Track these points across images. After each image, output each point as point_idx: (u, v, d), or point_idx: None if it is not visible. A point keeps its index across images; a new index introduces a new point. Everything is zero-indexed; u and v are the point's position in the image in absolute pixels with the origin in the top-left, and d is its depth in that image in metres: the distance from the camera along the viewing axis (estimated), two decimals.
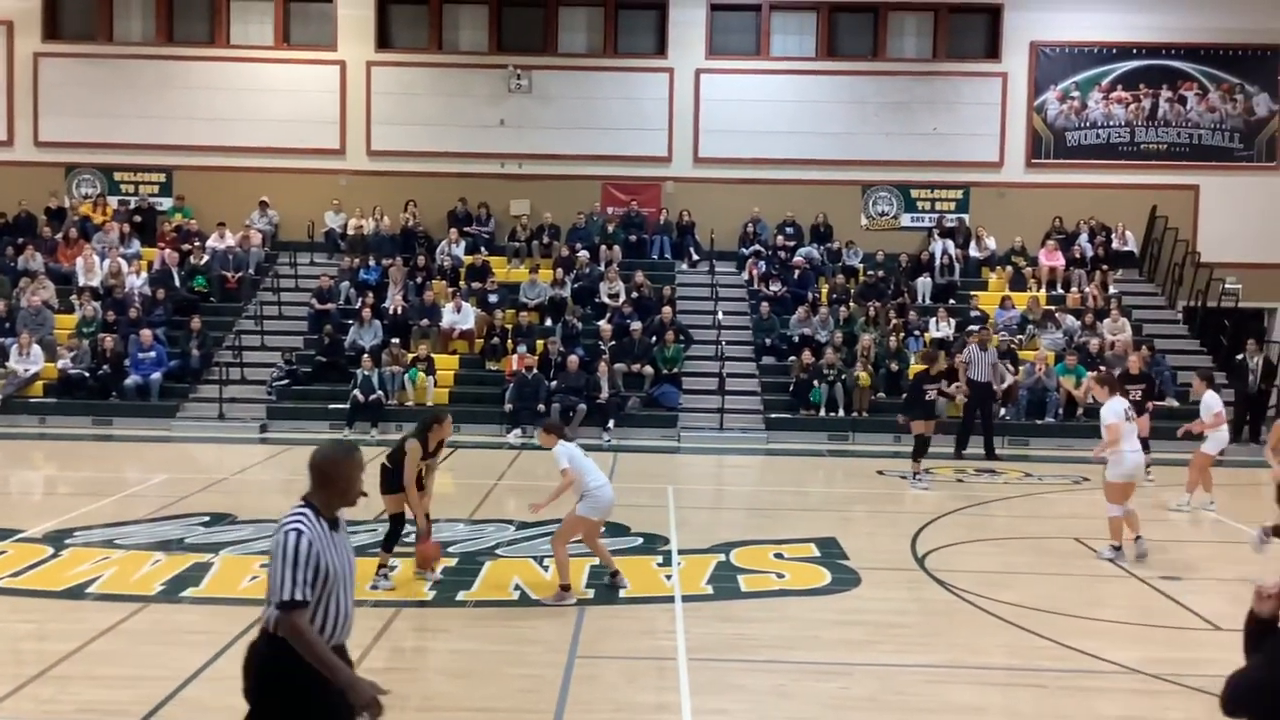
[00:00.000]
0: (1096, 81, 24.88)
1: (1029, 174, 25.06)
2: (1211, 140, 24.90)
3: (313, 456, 4.67)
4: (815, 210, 24.78)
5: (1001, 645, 8.66)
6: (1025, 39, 24.84)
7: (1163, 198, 24.55)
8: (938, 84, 25.00)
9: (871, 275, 23.56)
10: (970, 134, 25.00)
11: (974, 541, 12.38)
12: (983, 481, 16.33)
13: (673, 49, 25.16)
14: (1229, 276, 23.56)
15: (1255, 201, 24.66)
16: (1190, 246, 24.16)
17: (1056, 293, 23.28)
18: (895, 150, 24.98)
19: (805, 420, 20.18)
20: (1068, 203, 24.62)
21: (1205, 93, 24.83)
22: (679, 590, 10.02)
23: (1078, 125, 25.02)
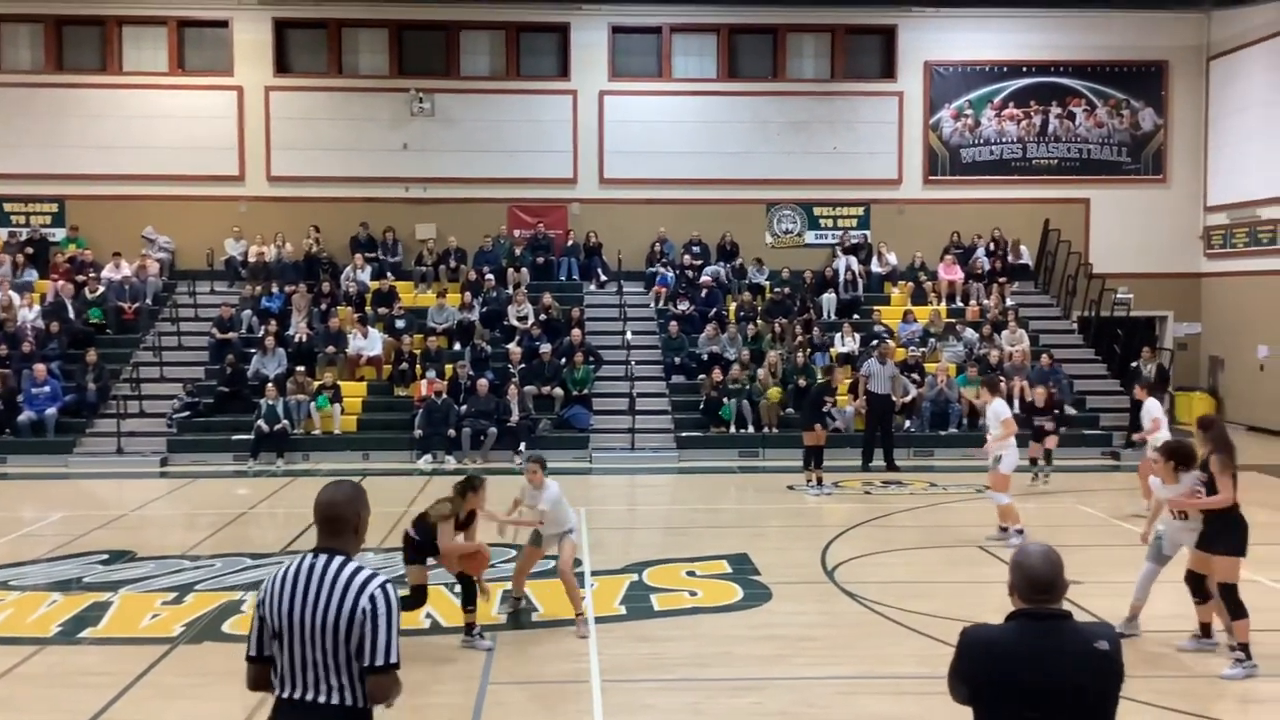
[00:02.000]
0: (989, 99, 25.55)
1: (927, 190, 25.60)
2: (1100, 154, 25.70)
3: (331, 502, 4.16)
4: (721, 229, 25.02)
5: (912, 654, 8.80)
6: (919, 59, 25.42)
7: (1055, 211, 25.26)
8: (836, 103, 25.45)
9: (777, 292, 23.84)
10: (869, 152, 25.47)
11: (882, 553, 12.58)
12: (889, 493, 16.59)
13: (575, 71, 25.25)
14: (1120, 286, 24.29)
15: (1143, 213, 25.49)
16: (1083, 258, 24.88)
17: (956, 306, 23.78)
18: (797, 169, 25.34)
19: (716, 438, 20.31)
20: (965, 218, 25.19)
21: (1093, 108, 25.63)
22: (592, 612, 10.00)
23: (972, 142, 25.65)
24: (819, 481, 16.25)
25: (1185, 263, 25.70)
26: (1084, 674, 3.71)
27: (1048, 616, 3.79)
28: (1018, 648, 3.75)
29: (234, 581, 11.06)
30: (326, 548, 4.11)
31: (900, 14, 25.07)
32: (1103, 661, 3.73)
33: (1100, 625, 3.97)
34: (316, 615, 3.96)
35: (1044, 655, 3.71)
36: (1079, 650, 3.73)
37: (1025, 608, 3.83)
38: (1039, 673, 3.69)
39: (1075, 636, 3.77)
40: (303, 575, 4.04)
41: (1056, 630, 3.76)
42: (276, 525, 14.85)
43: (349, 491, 4.20)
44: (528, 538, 10.03)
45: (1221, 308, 25.02)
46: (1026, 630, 3.79)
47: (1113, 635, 3.84)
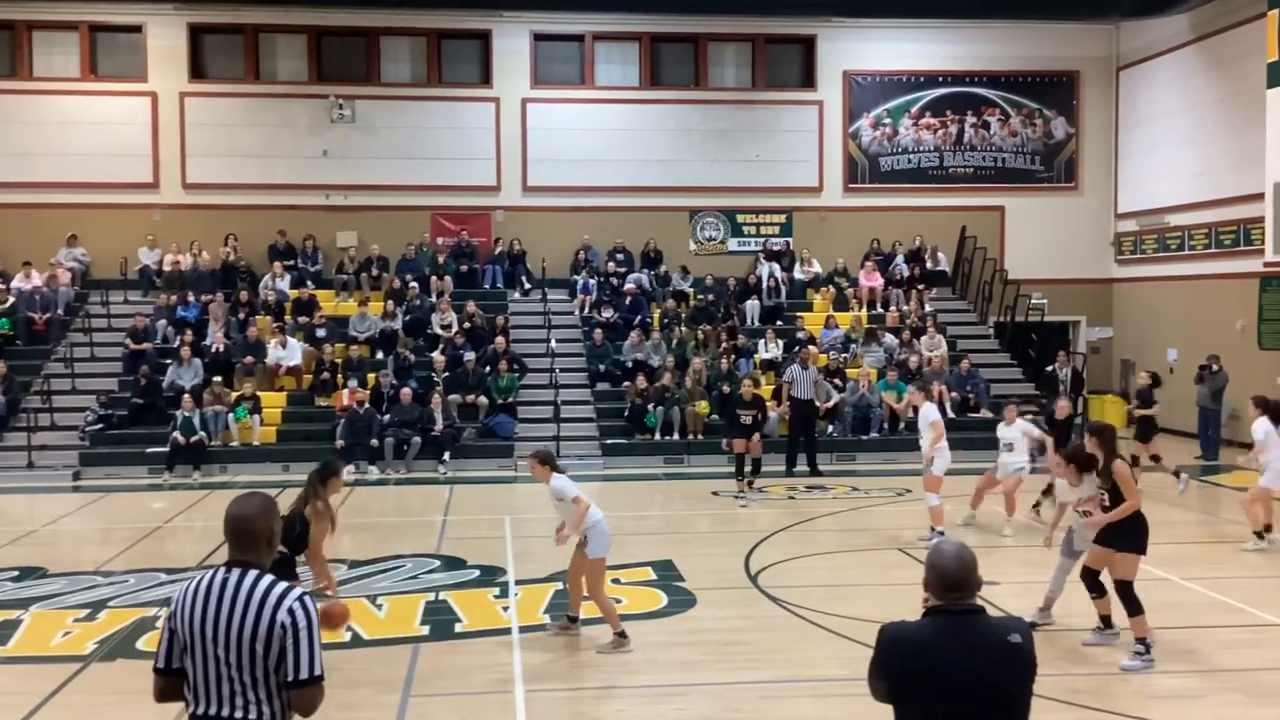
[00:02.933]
0: (906, 109, 25.96)
1: (847, 198, 25.93)
2: (1014, 163, 26.25)
3: (241, 515, 4.08)
4: (645, 236, 25.09)
5: (834, 657, 8.89)
6: (838, 68, 25.75)
7: (971, 218, 25.73)
8: (758, 112, 25.68)
9: (701, 299, 23.98)
10: (791, 160, 25.73)
11: (805, 557, 12.70)
12: (812, 498, 16.75)
13: (498, 79, 25.18)
14: (1035, 292, 24.81)
15: (1056, 220, 26.08)
16: (998, 264, 25.36)
17: (877, 312, 24.11)
18: (720, 177, 25.52)
19: (641, 445, 20.35)
20: (884, 225, 25.56)
21: (1007, 118, 26.17)
22: (516, 621, 9.97)
23: (890, 151, 26.03)
24: (746, 490, 16.27)
25: (1097, 269, 26.34)
26: (998, 667, 3.80)
27: (961, 612, 3.87)
28: (933, 643, 3.83)
29: (149, 597, 10.83)
30: (239, 561, 4.04)
31: (819, 24, 25.38)
32: (1015, 654, 3.82)
33: (1012, 620, 4.08)
34: (231, 630, 3.90)
35: (958, 650, 3.79)
36: (992, 644, 3.82)
37: (940, 604, 3.91)
38: (954, 667, 3.77)
39: (988, 631, 3.86)
40: (215, 589, 3.97)
41: (970, 625, 3.85)
42: (193, 539, 14.58)
43: (259, 504, 4.14)
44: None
45: (1132, 312, 25.67)
46: (941, 626, 3.87)
47: (1025, 629, 3.93)
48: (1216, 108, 22.57)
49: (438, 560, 12.45)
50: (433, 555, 12.71)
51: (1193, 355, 21.68)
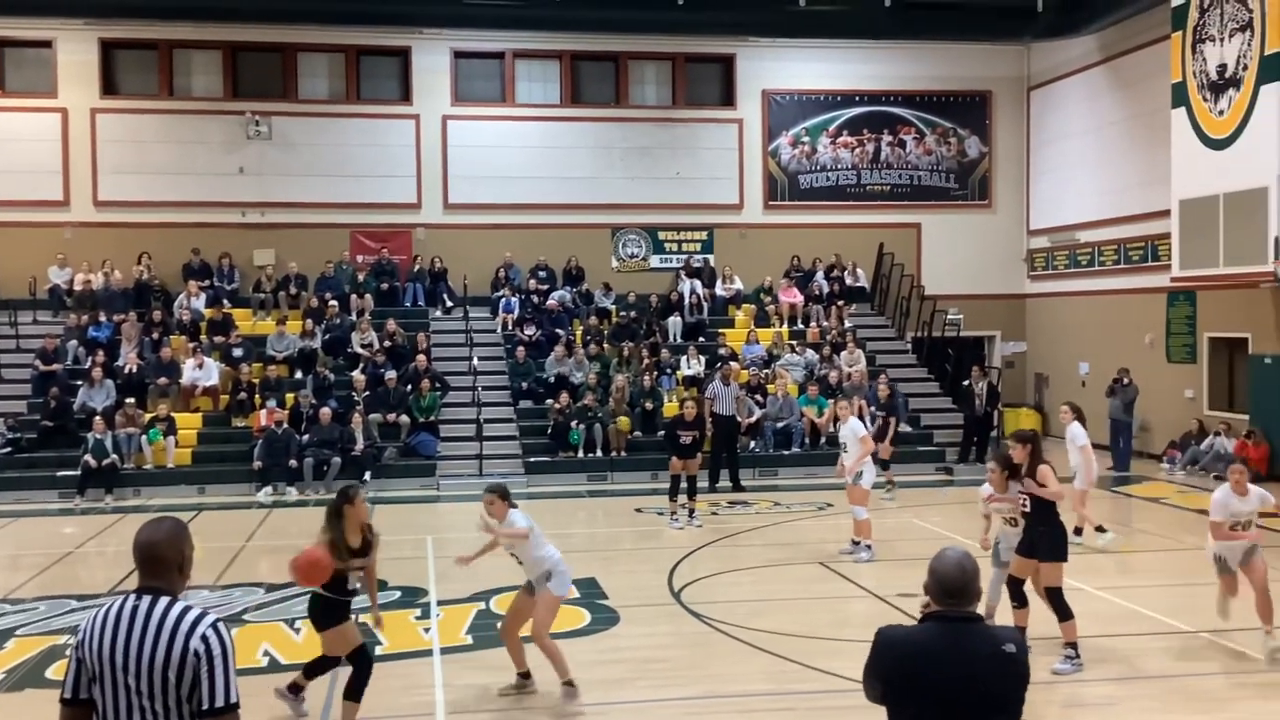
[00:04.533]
0: (824, 127, 26.31)
1: (767, 215, 26.19)
2: (930, 181, 26.73)
3: (150, 541, 3.96)
4: (567, 253, 25.09)
5: (757, 672, 8.94)
6: (757, 87, 26.03)
7: (889, 235, 26.13)
8: (678, 130, 25.85)
9: (624, 316, 24.03)
10: (711, 177, 25.94)
11: (729, 572, 12.76)
12: (735, 513, 16.84)
13: (418, 95, 25.04)
14: (951, 308, 25.25)
15: (971, 237, 26.59)
16: (915, 280, 25.78)
17: (797, 328, 24.35)
18: (642, 194, 25.63)
19: (564, 462, 20.30)
20: (804, 242, 25.85)
21: (923, 137, 26.65)
22: (438, 643, 9.87)
23: (809, 169, 26.36)
24: (690, 513, 15.96)
25: (1011, 284, 26.89)
26: (991, 675, 3.84)
27: (959, 619, 3.91)
28: (929, 648, 3.88)
29: (59, 625, 10.54)
30: (149, 588, 3.95)
31: (738, 44, 25.65)
32: (1009, 663, 3.86)
33: (1007, 629, 4.13)
34: (142, 658, 3.81)
35: (953, 655, 3.84)
36: (987, 652, 3.86)
37: (938, 610, 3.95)
38: (948, 672, 3.81)
39: (984, 638, 3.90)
40: (125, 617, 3.88)
41: (966, 632, 3.89)
42: (105, 565, 14.22)
43: (169, 529, 4.04)
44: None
45: (1045, 327, 26.24)
46: (938, 631, 3.92)
47: (1018, 639, 3.98)
48: (1124, 127, 23.21)
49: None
50: None
51: (1104, 368, 22.23)
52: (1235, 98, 17.80)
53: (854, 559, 13.02)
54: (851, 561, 12.95)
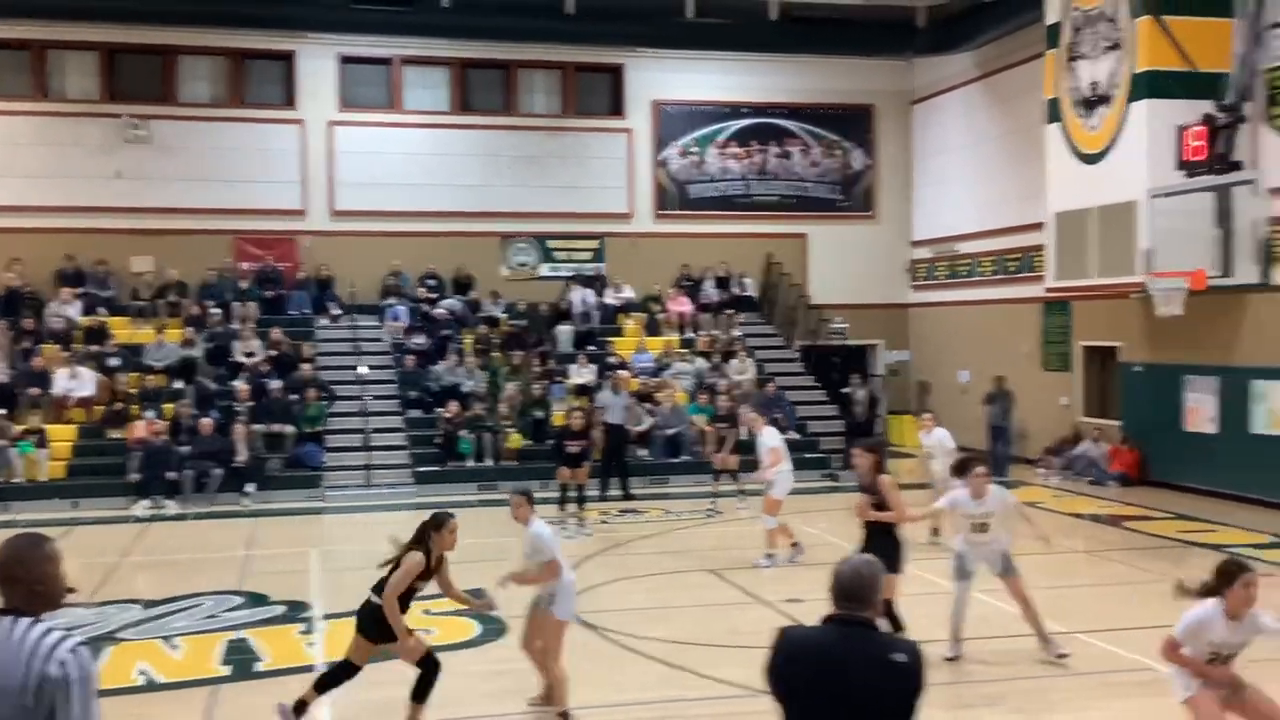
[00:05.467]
0: (713, 138, 26.59)
1: (657, 224, 26.34)
2: (816, 192, 27.18)
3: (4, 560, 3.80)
4: (456, 262, 24.90)
5: (648, 680, 8.98)
6: (647, 98, 26.19)
7: (776, 245, 26.50)
8: (568, 139, 25.86)
9: (513, 325, 23.93)
10: (601, 187, 26.00)
11: (619, 580, 12.79)
12: (626, 522, 16.87)
13: (303, 100, 24.61)
14: (836, 317, 25.69)
15: (856, 248, 27.09)
16: (802, 290, 26.17)
17: (687, 336, 24.53)
18: (532, 202, 25.56)
19: (454, 471, 20.12)
20: (694, 251, 26.06)
21: (808, 148, 27.09)
22: (323, 658, 9.69)
23: (698, 179, 26.61)
24: (580, 522, 16.05)
25: (894, 294, 27.48)
26: (872, 682, 3.85)
27: (851, 623, 3.95)
28: (818, 649, 3.94)
29: None
30: (7, 609, 3.79)
31: (627, 54, 25.77)
32: (894, 673, 3.86)
33: (904, 641, 4.12)
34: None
35: (839, 659, 3.88)
36: (874, 659, 3.87)
37: (833, 613, 3.99)
38: (837, 675, 3.86)
39: (873, 646, 3.92)
40: None
41: (854, 637, 3.92)
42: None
43: (20, 546, 3.83)
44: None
45: (927, 336, 26.88)
46: (829, 634, 3.97)
47: (913, 650, 3.94)
48: (1001, 141, 23.92)
49: (240, 597, 12.00)
50: (234, 592, 12.25)
51: (983, 376, 22.84)
52: (1106, 114, 18.47)
53: (764, 567, 13.10)
54: (752, 570, 13.00)
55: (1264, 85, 16.99)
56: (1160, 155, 16.83)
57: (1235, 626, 6.24)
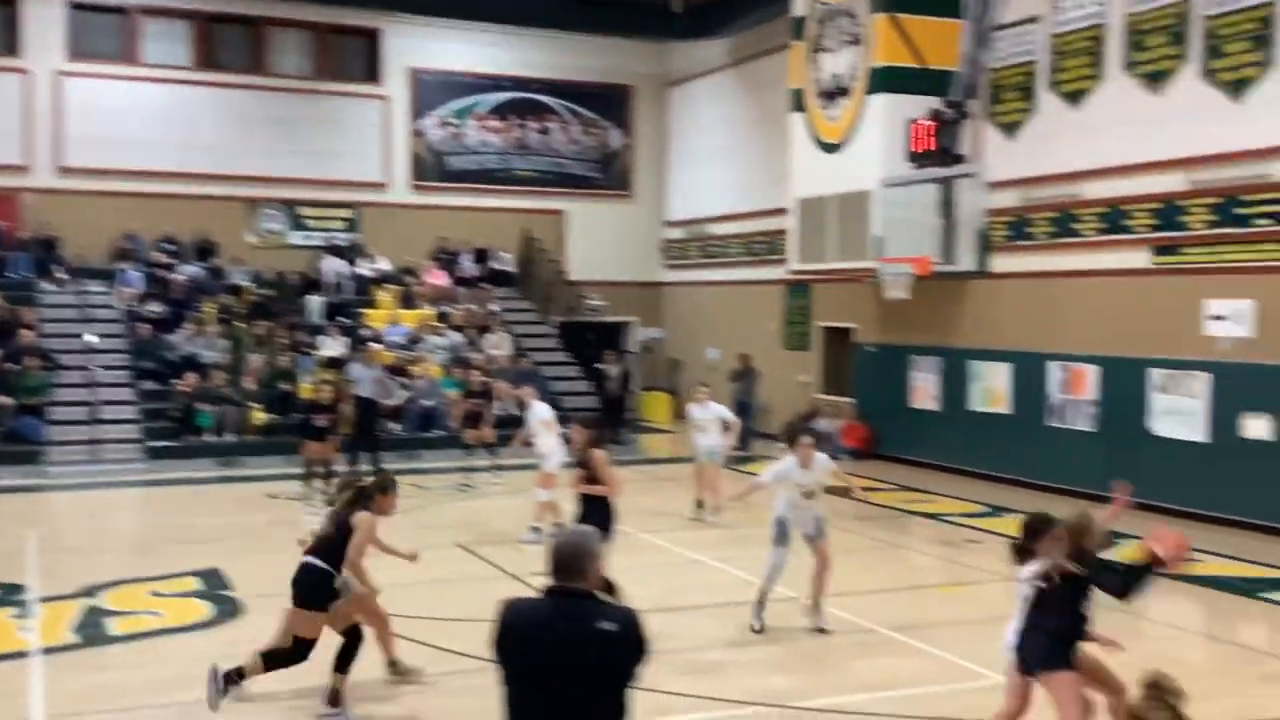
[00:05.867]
0: (472, 110, 26.33)
1: (414, 196, 25.91)
2: (574, 169, 27.36)
3: None
4: (198, 226, 23.76)
5: (383, 658, 8.84)
6: (404, 65, 25.67)
7: (535, 221, 26.54)
8: (321, 103, 25.05)
9: (260, 294, 23.06)
10: (356, 154, 25.34)
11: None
12: None
13: (27, 49, 22.85)
14: (593, 294, 25.97)
15: (613, 226, 27.47)
16: (560, 266, 26.32)
17: (443, 310, 24.27)
18: (282, 167, 24.63)
19: (192, 446, 19.27)
20: (452, 224, 25.79)
21: (567, 125, 27.22)
22: (38, 642, 9.12)
23: (457, 151, 26.31)
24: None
25: (649, 273, 28.02)
26: (588, 651, 3.88)
27: (563, 594, 3.98)
28: (533, 621, 3.98)
29: None
30: None
31: (384, 19, 25.16)
32: (604, 641, 3.88)
33: (619, 609, 4.08)
34: None
35: (552, 630, 3.91)
36: (582, 628, 3.89)
37: (550, 585, 4.02)
38: (545, 644, 3.89)
39: (585, 615, 3.93)
40: None
41: (570, 607, 3.94)
42: None
43: None
44: None
45: (679, 314, 27.55)
46: (544, 605, 4.01)
47: (625, 618, 3.96)
48: (751, 128, 24.69)
49: None
50: None
51: (731, 354, 23.62)
52: (846, 106, 19.37)
53: (530, 542, 12.95)
54: (527, 544, 12.92)
55: (988, 84, 18.25)
56: (893, 147, 17.80)
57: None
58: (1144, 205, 15.81)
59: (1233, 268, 14.65)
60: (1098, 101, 16.51)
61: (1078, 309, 16.81)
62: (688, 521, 14.66)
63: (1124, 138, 15.99)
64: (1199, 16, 14.95)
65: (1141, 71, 15.79)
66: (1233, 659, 9.24)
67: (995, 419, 17.83)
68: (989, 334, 18.36)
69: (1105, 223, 16.40)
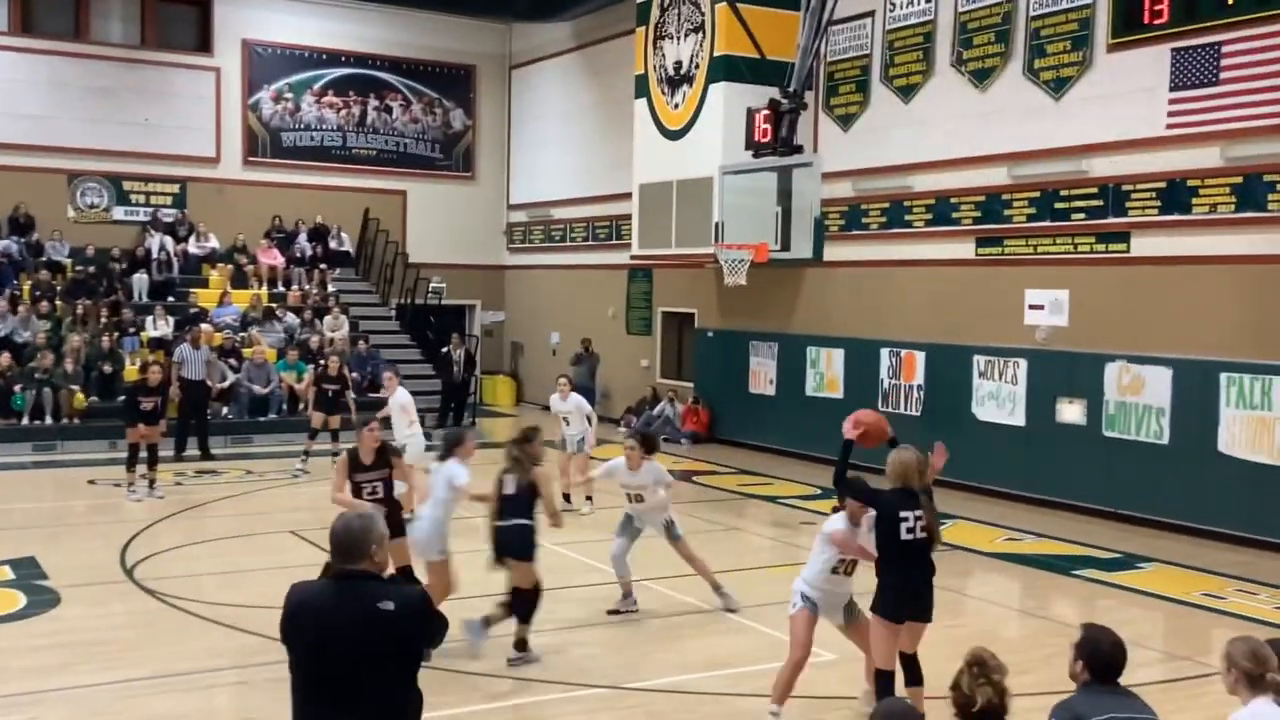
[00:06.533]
0: (309, 85, 25.62)
1: (247, 172, 25.08)
2: (416, 149, 26.91)
3: None
4: (13, 199, 22.52)
5: (211, 648, 8.60)
6: (237, 35, 24.80)
7: (375, 201, 26.00)
8: (148, 73, 24.00)
9: (81, 271, 22.02)
10: (185, 127, 24.38)
11: (192, 545, 12.19)
12: (203, 483, 16.06)
13: None
14: (435, 276, 25.63)
15: (455, 208, 27.14)
16: (400, 248, 25.87)
17: (278, 290, 23.60)
18: (105, 139, 23.54)
19: (7, 430, 18.30)
20: (287, 202, 25.07)
21: (409, 104, 26.75)
22: None
23: (293, 127, 25.56)
24: (150, 484, 14.83)
25: (492, 255, 27.81)
26: (359, 630, 3.89)
27: (346, 576, 4.01)
28: (314, 602, 4.00)
29: None
30: None
31: None
32: (381, 621, 3.90)
33: (398, 589, 4.11)
34: None
35: (330, 611, 3.94)
36: (362, 609, 3.91)
37: (334, 567, 4.04)
38: (322, 625, 3.93)
39: (364, 596, 3.94)
40: None
41: (349, 589, 3.97)
42: None
43: None
44: None
45: (522, 298, 27.43)
46: (325, 588, 4.05)
47: (404, 598, 4.01)
48: (595, 112, 24.71)
49: None
50: None
51: (573, 338, 23.65)
52: (689, 93, 19.55)
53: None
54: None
55: (823, 77, 18.67)
56: (733, 135, 18.02)
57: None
58: (969, 198, 16.45)
59: (1050, 259, 15.37)
60: (927, 96, 17.08)
61: (908, 297, 17.39)
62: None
63: (951, 132, 16.60)
64: (1023, 17, 15.61)
65: (969, 69, 16.40)
66: (1047, 632, 9.71)
67: (829, 403, 18.30)
68: (824, 320, 18.83)
69: (933, 214, 17.01)
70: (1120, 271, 14.56)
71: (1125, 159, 14.48)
